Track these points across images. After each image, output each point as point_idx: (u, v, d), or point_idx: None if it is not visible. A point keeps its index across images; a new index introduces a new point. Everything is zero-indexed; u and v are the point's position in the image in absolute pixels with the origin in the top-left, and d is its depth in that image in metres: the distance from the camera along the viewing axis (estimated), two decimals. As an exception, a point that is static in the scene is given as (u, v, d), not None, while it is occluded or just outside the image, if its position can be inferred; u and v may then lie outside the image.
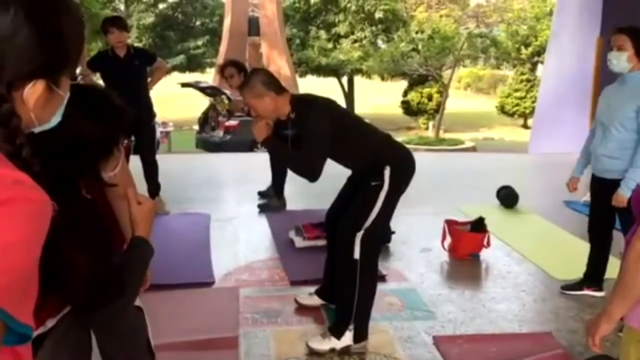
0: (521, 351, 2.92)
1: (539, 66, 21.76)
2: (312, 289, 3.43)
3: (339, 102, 3.25)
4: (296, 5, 23.21)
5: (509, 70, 27.92)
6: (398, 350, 2.92)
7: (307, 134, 2.78)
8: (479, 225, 4.30)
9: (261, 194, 5.66)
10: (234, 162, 8.38)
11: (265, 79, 2.85)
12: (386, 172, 2.79)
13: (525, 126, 21.89)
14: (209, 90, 14.28)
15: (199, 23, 26.86)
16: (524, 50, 22.84)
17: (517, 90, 22.49)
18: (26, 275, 0.72)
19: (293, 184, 5.17)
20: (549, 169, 7.75)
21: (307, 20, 23.60)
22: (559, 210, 5.55)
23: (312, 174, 2.78)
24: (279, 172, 5.28)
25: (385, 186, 2.78)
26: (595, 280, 3.52)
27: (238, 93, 3.49)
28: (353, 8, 22.39)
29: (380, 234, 3.12)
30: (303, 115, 2.81)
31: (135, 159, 4.94)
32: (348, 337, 2.87)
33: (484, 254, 4.25)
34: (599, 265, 3.49)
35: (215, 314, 3.29)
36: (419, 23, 21.73)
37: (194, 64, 25.63)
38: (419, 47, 20.27)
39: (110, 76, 4.91)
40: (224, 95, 13.41)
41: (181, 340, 2.90)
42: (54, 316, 1.41)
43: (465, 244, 4.24)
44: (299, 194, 5.56)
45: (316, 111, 2.82)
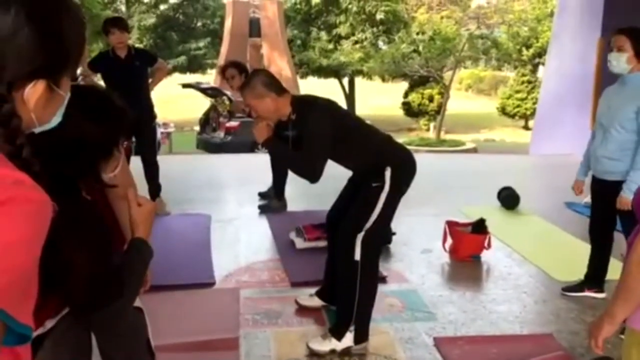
0: (522, 353, 2.92)
1: (540, 67, 21.74)
2: (313, 290, 3.43)
3: (340, 103, 3.25)
4: (297, 6, 23.21)
5: (510, 71, 27.90)
6: (399, 352, 2.92)
7: (308, 134, 2.78)
8: (479, 227, 4.30)
9: (262, 195, 5.66)
10: (234, 163, 8.38)
11: (266, 79, 2.85)
12: (387, 173, 2.79)
13: (526, 127, 21.87)
14: (210, 91, 14.29)
15: (200, 24, 26.87)
16: (525, 52, 22.81)
17: (518, 91, 22.45)
18: (26, 275, 0.72)
19: (294, 185, 5.17)
20: (550, 171, 7.75)
21: (308, 21, 23.60)
22: (560, 211, 5.55)
23: (313, 175, 2.78)
24: (280, 173, 5.28)
25: (386, 187, 2.78)
26: (596, 281, 3.52)
27: (239, 94, 3.49)
28: (354, 9, 22.38)
29: (381, 235, 3.12)
30: (304, 116, 2.81)
31: (136, 160, 4.95)
32: (349, 339, 2.87)
33: (485, 256, 4.25)
34: (600, 267, 3.49)
35: (216, 315, 3.29)
36: (420, 24, 21.70)
37: (195, 65, 25.64)
38: (420, 49, 20.23)
39: (111, 77, 4.92)
40: (224, 96, 13.41)
41: (181, 341, 2.91)
42: (54, 317, 1.41)
43: (466, 246, 4.23)
44: (300, 195, 5.56)
45: (317, 112, 2.82)
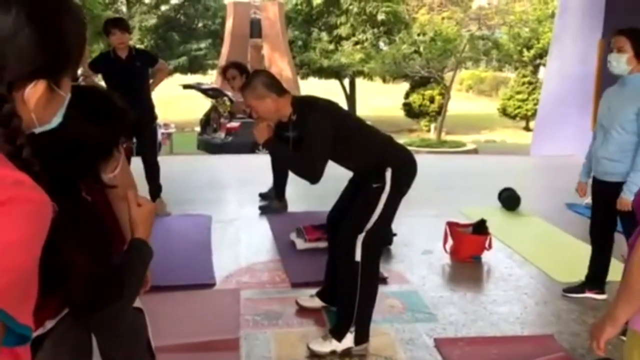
0: (523, 354, 2.92)
1: (541, 68, 21.74)
2: (313, 291, 3.42)
3: (341, 104, 3.24)
4: (298, 7, 23.21)
5: (511, 72, 27.87)
6: (399, 353, 2.92)
7: (309, 135, 2.78)
8: (480, 228, 4.30)
9: (262, 196, 5.66)
10: (235, 164, 8.39)
11: (267, 80, 2.85)
12: (388, 174, 2.78)
13: (527, 128, 21.86)
14: (211, 92, 14.31)
15: (201, 25, 26.87)
16: (525, 53, 22.80)
17: (519, 92, 22.44)
18: (26, 275, 0.72)
19: (294, 186, 5.17)
20: (551, 172, 7.74)
21: (309, 22, 23.59)
22: (561, 212, 5.54)
23: (313, 176, 2.78)
24: (281, 174, 5.28)
25: (387, 188, 2.78)
26: (597, 282, 3.52)
27: (240, 95, 3.49)
28: (355, 10, 22.37)
29: (382, 236, 3.12)
30: (304, 117, 2.81)
31: (137, 161, 4.95)
32: (349, 340, 2.87)
33: (486, 257, 4.24)
34: (601, 268, 3.48)
35: (216, 315, 3.29)
36: (420, 25, 21.67)
37: (196, 65, 25.64)
38: (421, 49, 20.23)
39: (112, 77, 4.92)
40: (225, 97, 13.43)
41: (182, 342, 2.90)
42: (53, 317, 1.41)
43: (467, 247, 4.23)
44: (301, 196, 5.56)
45: (317, 113, 2.82)
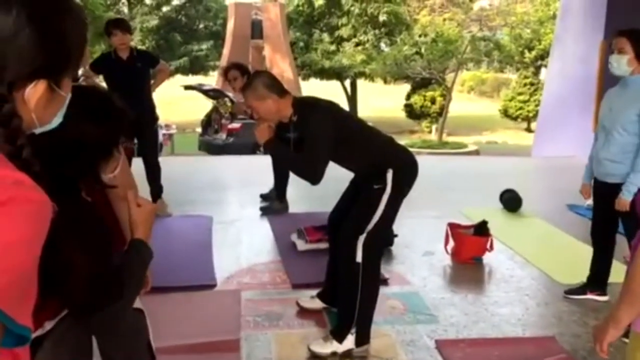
0: (524, 355, 2.91)
1: (543, 70, 21.72)
2: (314, 292, 3.42)
3: (342, 105, 3.24)
4: (299, 8, 23.22)
5: (513, 73, 27.88)
6: (400, 354, 2.91)
7: (309, 136, 2.78)
8: (482, 229, 4.29)
9: (263, 197, 5.66)
10: (236, 165, 8.39)
11: (268, 81, 2.85)
12: (389, 175, 2.78)
13: (528, 130, 21.86)
14: (212, 93, 14.33)
15: (202, 26, 26.92)
16: (527, 54, 22.80)
17: (521, 93, 22.44)
18: (26, 275, 0.71)
19: (295, 187, 5.16)
20: (553, 173, 7.74)
21: (311, 23, 23.61)
22: (562, 214, 5.53)
23: (314, 177, 2.78)
24: (282, 175, 5.27)
25: (388, 189, 2.77)
26: (599, 284, 3.51)
27: (241, 96, 3.49)
28: (356, 11, 22.38)
29: (383, 237, 3.11)
30: (305, 117, 2.80)
31: (138, 161, 4.94)
32: (350, 341, 2.86)
33: (487, 258, 4.23)
34: (603, 270, 3.47)
35: (217, 316, 3.28)
36: (422, 26, 21.67)
37: (197, 66, 25.68)
38: (422, 51, 20.23)
39: (113, 78, 4.93)
40: (226, 98, 13.45)
41: (182, 343, 2.90)
42: (53, 318, 1.41)
43: (468, 248, 4.22)
44: (302, 197, 5.56)
45: (318, 114, 2.81)
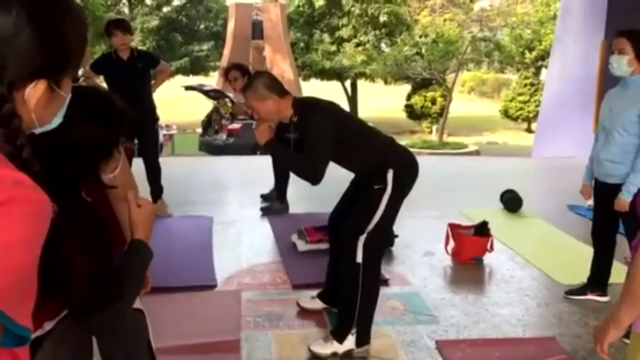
0: (524, 356, 2.91)
1: (543, 70, 21.71)
2: (315, 292, 3.42)
3: (343, 106, 3.24)
4: (300, 9, 23.23)
5: (513, 74, 27.87)
6: (401, 355, 2.91)
7: (310, 137, 2.77)
8: (482, 229, 4.29)
9: (264, 197, 5.66)
10: (236, 165, 8.39)
11: (268, 81, 2.85)
12: (389, 176, 2.78)
13: (529, 130, 21.85)
14: (213, 94, 14.35)
15: (203, 26, 26.92)
16: (527, 54, 22.79)
17: (521, 94, 22.43)
18: (25, 275, 0.71)
19: (296, 187, 5.16)
20: (553, 173, 7.73)
21: (311, 23, 23.61)
22: (563, 214, 5.53)
23: (315, 177, 2.78)
24: (282, 175, 5.27)
25: (389, 189, 2.77)
26: (599, 284, 3.51)
27: (241, 96, 3.49)
28: (357, 12, 22.38)
29: (383, 238, 3.11)
30: (305, 118, 2.80)
31: (139, 162, 4.94)
32: (350, 341, 2.86)
33: (488, 258, 4.23)
34: (603, 270, 3.47)
35: (217, 317, 3.28)
36: (422, 27, 21.67)
37: (198, 67, 25.69)
38: (423, 51, 20.23)
39: (114, 78, 4.93)
40: (227, 98, 13.47)
41: (183, 343, 2.90)
42: (52, 319, 1.41)
43: (469, 248, 4.22)
44: (302, 197, 5.56)
45: (319, 114, 2.81)
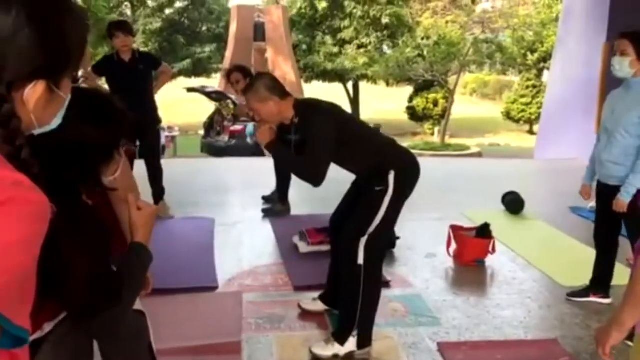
0: (526, 358, 2.90)
1: (545, 72, 21.71)
2: (316, 294, 3.41)
3: (345, 108, 3.24)
4: (302, 11, 23.25)
5: (515, 76, 27.84)
6: (402, 357, 2.90)
7: (311, 138, 2.77)
8: (484, 231, 4.28)
9: (265, 199, 5.66)
10: (238, 167, 8.39)
11: (269, 83, 2.85)
12: (391, 177, 2.77)
13: (531, 132, 21.83)
14: (215, 95, 14.36)
15: (205, 28, 26.98)
16: (530, 56, 22.79)
17: (523, 96, 22.42)
18: (24, 276, 0.71)
19: (297, 189, 5.16)
20: (555, 175, 7.72)
21: (313, 25, 23.63)
22: (565, 216, 5.52)
23: (316, 179, 2.77)
24: (284, 177, 5.27)
25: (390, 191, 2.77)
26: (602, 287, 3.49)
27: (243, 98, 3.49)
28: (359, 14, 22.40)
29: (385, 239, 3.11)
30: (307, 119, 2.80)
31: (140, 164, 4.95)
32: (352, 343, 2.86)
33: (489, 260, 4.22)
34: (606, 272, 3.46)
35: (218, 319, 3.28)
36: (424, 29, 21.66)
37: (200, 69, 25.73)
38: (425, 53, 20.26)
39: (115, 80, 4.93)
40: (229, 100, 13.48)
41: (184, 345, 2.90)
42: (52, 320, 1.40)
43: (471, 250, 4.21)
44: (303, 199, 5.55)
45: (320, 116, 2.81)
